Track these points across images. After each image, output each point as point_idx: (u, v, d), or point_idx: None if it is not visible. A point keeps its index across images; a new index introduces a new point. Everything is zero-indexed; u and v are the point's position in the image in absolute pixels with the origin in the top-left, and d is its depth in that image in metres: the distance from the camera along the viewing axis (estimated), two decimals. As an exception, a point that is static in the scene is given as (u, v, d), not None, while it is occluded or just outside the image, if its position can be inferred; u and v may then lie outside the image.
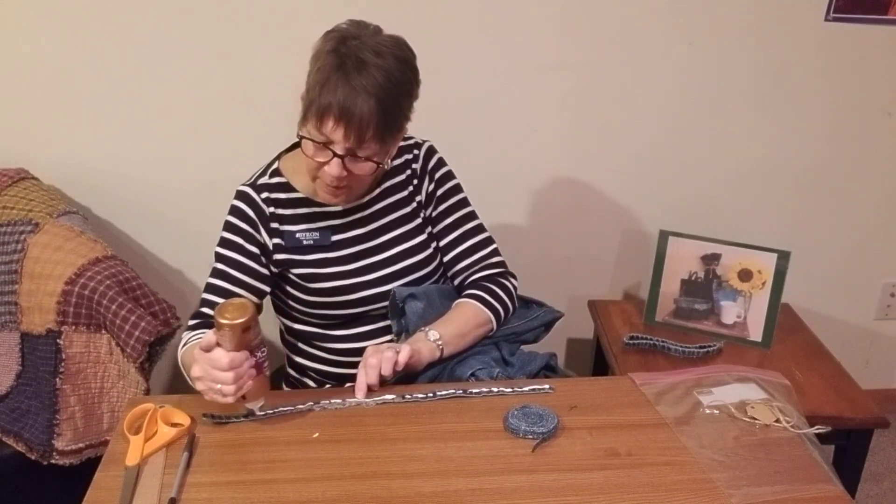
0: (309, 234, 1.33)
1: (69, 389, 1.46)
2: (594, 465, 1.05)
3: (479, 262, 1.41)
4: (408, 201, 1.39)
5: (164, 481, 0.99)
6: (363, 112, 1.14)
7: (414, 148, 1.40)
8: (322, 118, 1.15)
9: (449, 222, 1.40)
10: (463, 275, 1.41)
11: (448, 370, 1.29)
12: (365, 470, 1.02)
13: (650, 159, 2.01)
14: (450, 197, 1.41)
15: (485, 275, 1.40)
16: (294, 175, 1.34)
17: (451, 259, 1.41)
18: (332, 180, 1.21)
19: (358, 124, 1.14)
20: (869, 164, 2.07)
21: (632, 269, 2.13)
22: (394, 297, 1.32)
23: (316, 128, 1.16)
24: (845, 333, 2.26)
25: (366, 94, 1.13)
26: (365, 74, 1.14)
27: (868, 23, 1.91)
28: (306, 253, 1.33)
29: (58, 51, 1.73)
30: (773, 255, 1.75)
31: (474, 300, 1.35)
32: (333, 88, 1.13)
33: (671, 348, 1.71)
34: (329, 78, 1.14)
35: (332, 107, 1.13)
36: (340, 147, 1.17)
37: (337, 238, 1.34)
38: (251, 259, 1.32)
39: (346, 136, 1.15)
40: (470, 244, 1.41)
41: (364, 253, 1.35)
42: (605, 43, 1.88)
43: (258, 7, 1.74)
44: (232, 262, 1.32)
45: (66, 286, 1.47)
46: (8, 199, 1.65)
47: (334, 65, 1.14)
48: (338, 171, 1.19)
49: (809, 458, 1.08)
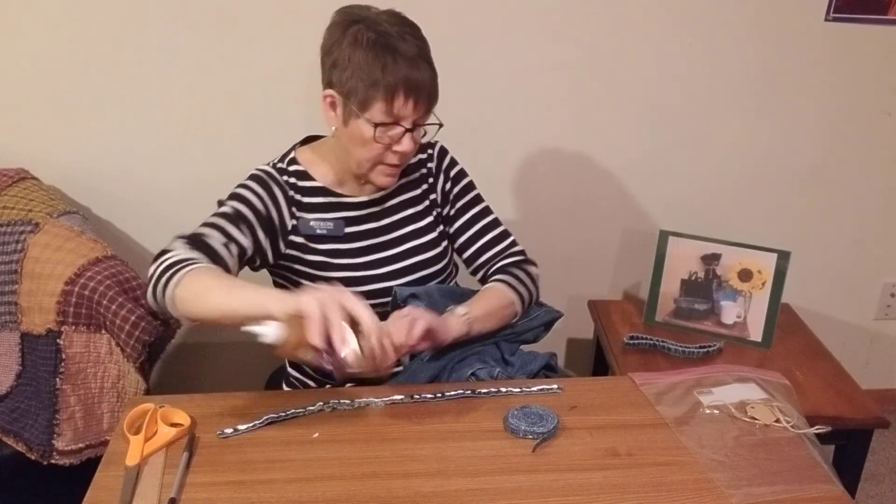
0: (323, 223, 1.32)
1: (69, 389, 1.46)
2: (594, 465, 1.05)
3: (501, 252, 1.44)
4: (420, 199, 1.40)
5: (164, 481, 0.99)
6: (425, 79, 1.19)
7: (427, 147, 1.42)
8: (392, 97, 1.17)
9: (467, 218, 1.43)
10: (486, 266, 1.43)
11: (448, 369, 1.29)
12: (365, 470, 1.02)
13: (650, 159, 2.01)
14: (466, 194, 1.43)
15: (509, 262, 1.43)
16: (311, 165, 1.34)
17: (473, 253, 1.43)
18: (401, 158, 1.25)
19: (426, 92, 1.19)
20: (869, 163, 2.07)
21: (632, 269, 2.13)
22: (395, 296, 1.32)
23: (384, 110, 1.18)
24: (845, 333, 2.26)
25: (419, 62, 1.18)
26: (409, 43, 1.18)
27: (868, 23, 1.91)
28: (318, 242, 1.32)
29: (58, 51, 1.73)
30: (773, 255, 1.75)
31: (500, 283, 1.37)
32: (393, 66, 1.16)
33: (671, 348, 1.71)
34: (378, 58, 1.16)
35: (399, 83, 1.16)
36: (409, 121, 1.21)
37: (350, 230, 1.34)
38: (256, 216, 1.27)
39: (416, 107, 1.19)
40: (490, 237, 1.43)
41: (376, 247, 1.35)
42: (606, 43, 1.88)
43: (258, 7, 1.74)
44: (239, 215, 1.25)
45: (67, 286, 1.47)
46: (8, 199, 1.65)
47: (380, 44, 1.17)
48: (411, 146, 1.23)
49: (809, 458, 1.08)
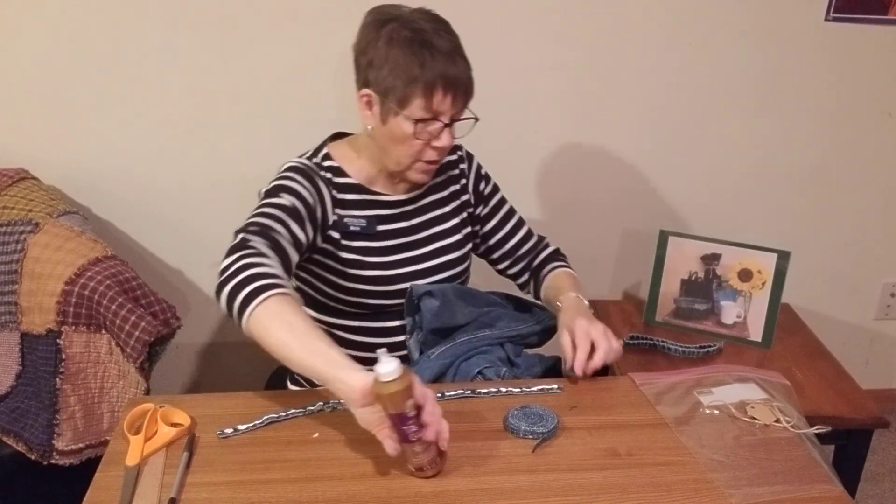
0: (356, 220, 1.33)
1: (69, 389, 1.46)
2: (594, 465, 1.05)
3: (537, 244, 1.52)
4: (448, 200, 1.42)
5: (164, 481, 0.99)
6: (462, 74, 1.20)
7: (457, 150, 1.45)
8: (431, 93, 1.19)
9: (501, 216, 1.48)
10: (525, 259, 1.50)
11: (454, 368, 1.29)
12: (365, 470, 1.02)
13: (650, 159, 2.01)
14: (496, 193, 1.49)
15: (550, 251, 1.52)
16: (345, 162, 1.35)
17: (512, 247, 1.49)
18: (440, 153, 1.26)
19: (463, 87, 1.21)
20: (869, 164, 2.07)
21: (632, 269, 2.13)
22: (411, 293, 1.33)
23: (423, 106, 1.20)
24: (845, 333, 2.26)
25: (455, 57, 1.20)
26: (444, 39, 1.19)
27: (868, 23, 1.91)
28: (351, 239, 1.33)
29: (58, 51, 1.73)
30: (772, 255, 1.75)
31: (565, 268, 1.46)
32: (431, 63, 1.17)
33: (671, 348, 1.71)
34: (416, 55, 1.18)
35: (437, 79, 1.18)
36: (447, 116, 1.22)
37: (382, 228, 1.35)
38: (307, 210, 1.25)
39: (455, 102, 1.21)
40: (524, 232, 1.51)
41: (404, 246, 1.36)
42: (605, 43, 1.88)
43: (259, 7, 1.74)
44: (289, 207, 1.23)
45: (67, 286, 1.47)
46: (8, 199, 1.65)
47: (416, 41, 1.18)
48: (450, 140, 1.25)
49: (809, 458, 1.08)
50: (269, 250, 1.14)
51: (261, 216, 1.19)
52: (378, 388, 0.94)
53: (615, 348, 1.23)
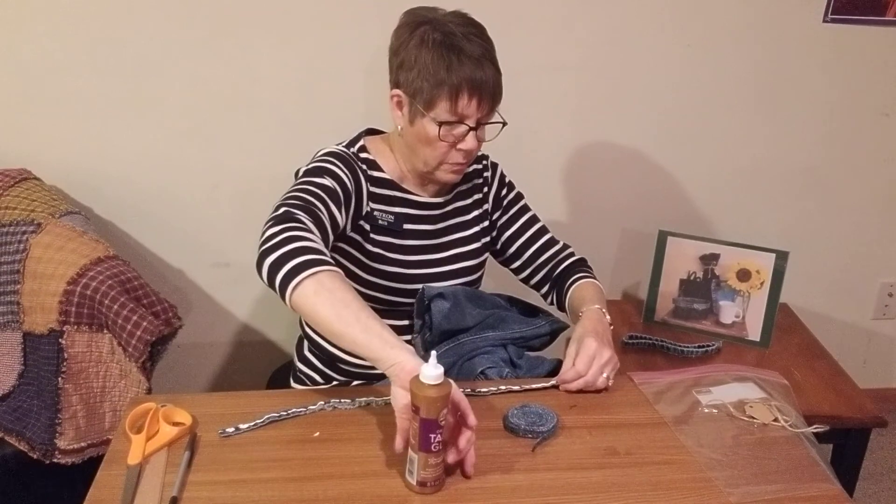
0: (385, 215, 1.34)
1: (71, 389, 1.47)
2: (593, 464, 1.05)
3: (559, 252, 1.50)
4: (470, 209, 1.44)
5: (166, 480, 1.00)
6: (489, 79, 1.21)
7: (482, 158, 1.47)
8: (456, 97, 1.20)
9: (521, 223, 1.49)
10: (549, 264, 1.49)
11: (458, 366, 1.29)
12: (365, 469, 1.03)
13: (650, 159, 2.01)
14: (518, 201, 1.50)
15: (574, 259, 1.50)
16: (380, 156, 1.36)
17: (533, 252, 1.48)
18: (466, 156, 1.27)
19: (490, 92, 1.22)
20: (867, 164, 2.08)
21: (631, 268, 2.13)
22: (422, 294, 1.33)
23: (448, 109, 1.21)
24: (843, 333, 2.26)
25: (483, 62, 1.20)
26: (474, 44, 1.20)
27: (866, 24, 1.91)
28: (379, 233, 1.34)
29: (60, 51, 1.73)
30: (771, 255, 1.76)
31: (590, 278, 1.44)
32: (458, 66, 1.19)
33: (670, 348, 1.72)
34: (443, 57, 1.19)
35: (464, 83, 1.19)
36: (473, 120, 1.23)
37: (408, 227, 1.36)
38: (345, 196, 1.26)
39: (480, 106, 1.22)
40: (545, 239, 1.50)
41: (427, 248, 1.37)
42: (605, 44, 1.88)
43: (260, 7, 1.74)
44: (329, 188, 1.23)
45: (69, 286, 1.47)
46: (10, 200, 1.65)
47: (445, 44, 1.19)
48: (475, 144, 1.26)
49: (807, 456, 1.08)
50: (313, 226, 1.14)
51: (303, 192, 1.19)
52: (415, 386, 0.95)
53: (598, 384, 1.21)
